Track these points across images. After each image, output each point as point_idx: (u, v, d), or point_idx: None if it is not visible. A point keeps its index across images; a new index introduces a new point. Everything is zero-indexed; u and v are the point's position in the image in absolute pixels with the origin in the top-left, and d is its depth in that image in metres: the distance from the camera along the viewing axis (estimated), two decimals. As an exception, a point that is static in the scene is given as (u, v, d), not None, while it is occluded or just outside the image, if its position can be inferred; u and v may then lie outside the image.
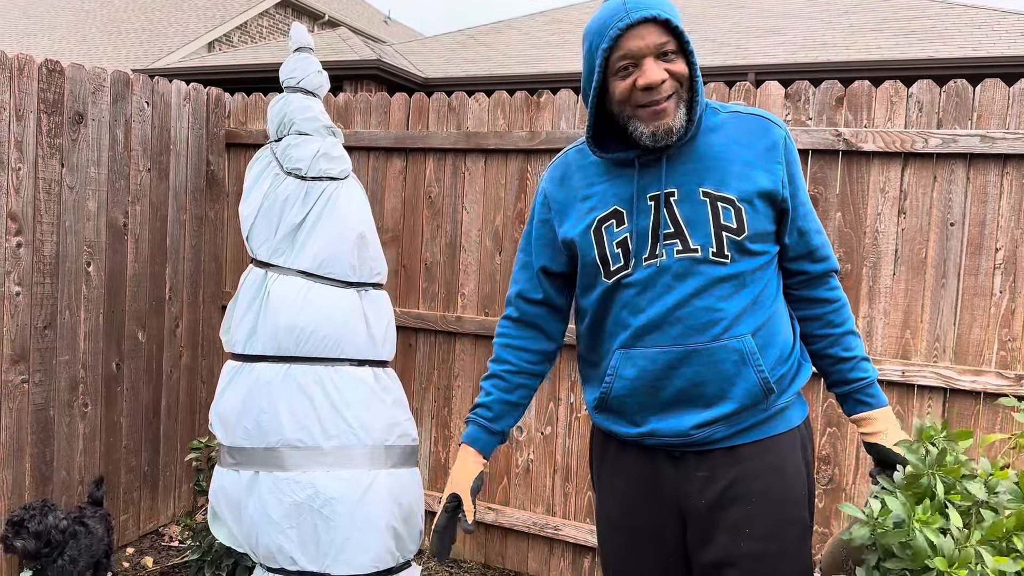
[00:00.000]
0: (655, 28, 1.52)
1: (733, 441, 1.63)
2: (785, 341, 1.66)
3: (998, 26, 8.95)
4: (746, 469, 1.63)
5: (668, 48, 1.53)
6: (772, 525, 1.62)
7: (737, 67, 8.11)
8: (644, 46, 1.52)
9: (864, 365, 1.71)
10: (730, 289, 1.59)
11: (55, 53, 16.35)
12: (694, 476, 1.65)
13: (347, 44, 10.37)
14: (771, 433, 1.65)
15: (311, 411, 1.97)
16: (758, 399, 1.61)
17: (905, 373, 2.81)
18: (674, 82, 1.54)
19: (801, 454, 1.68)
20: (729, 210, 1.58)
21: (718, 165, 1.60)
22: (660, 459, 1.68)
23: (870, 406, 1.69)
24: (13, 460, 3.02)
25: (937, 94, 2.77)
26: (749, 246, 1.59)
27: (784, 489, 1.64)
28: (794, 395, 1.68)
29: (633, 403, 1.66)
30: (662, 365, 1.61)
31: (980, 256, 2.75)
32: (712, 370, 1.59)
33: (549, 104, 3.31)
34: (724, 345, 1.58)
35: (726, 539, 1.63)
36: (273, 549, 1.99)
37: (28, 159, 2.99)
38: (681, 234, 1.59)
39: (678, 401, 1.62)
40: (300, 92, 2.30)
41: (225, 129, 3.95)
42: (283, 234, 2.14)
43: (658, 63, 1.53)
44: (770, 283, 1.65)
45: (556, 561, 3.41)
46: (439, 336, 3.56)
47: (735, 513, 1.62)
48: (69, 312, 3.20)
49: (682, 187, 1.60)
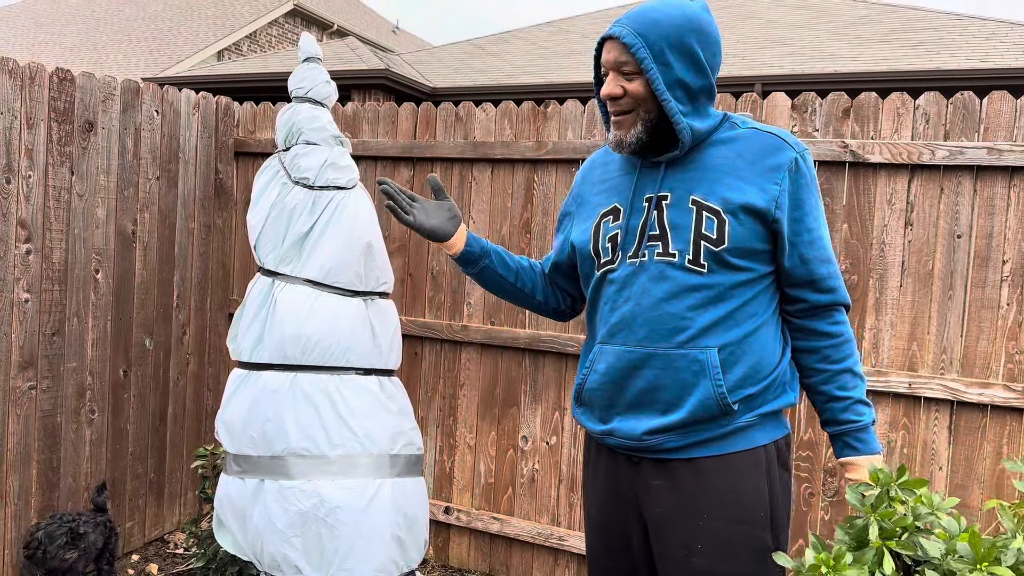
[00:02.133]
0: (616, 46, 1.60)
1: (690, 453, 1.62)
2: (762, 362, 1.62)
3: (1005, 38, 8.94)
4: (701, 483, 1.62)
5: (625, 69, 1.60)
6: (724, 543, 1.60)
7: (744, 78, 8.12)
8: (607, 60, 1.63)
9: (859, 408, 1.65)
10: (702, 299, 1.59)
11: (66, 62, 16.47)
12: (650, 483, 1.66)
13: (356, 54, 10.42)
14: (730, 450, 1.62)
15: (316, 420, 1.98)
16: (712, 413, 1.59)
17: (912, 385, 2.81)
18: (631, 100, 1.61)
19: (764, 474, 1.64)
20: (712, 220, 1.58)
21: (712, 176, 1.62)
22: (622, 462, 1.71)
23: (857, 451, 1.65)
24: (20, 466, 3.03)
25: (944, 106, 2.77)
26: (729, 259, 1.58)
27: (739, 508, 1.60)
28: (763, 416, 1.64)
29: (601, 397, 1.69)
30: (626, 364, 1.64)
31: (987, 268, 2.74)
32: (671, 376, 1.60)
33: (556, 114, 3.32)
34: (685, 354, 1.59)
35: (679, 553, 1.62)
36: (278, 558, 1.99)
37: (38, 167, 3.02)
38: (664, 237, 1.61)
39: (638, 403, 1.64)
40: (308, 102, 2.32)
41: (234, 138, 3.97)
42: (290, 243, 2.16)
43: (618, 78, 1.61)
44: (755, 302, 1.62)
45: (561, 571, 3.40)
46: (445, 345, 3.57)
47: (688, 527, 1.61)
48: (77, 319, 3.22)
49: (675, 192, 1.63)
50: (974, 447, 2.77)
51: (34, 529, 2.90)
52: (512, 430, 3.45)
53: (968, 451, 2.78)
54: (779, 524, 1.66)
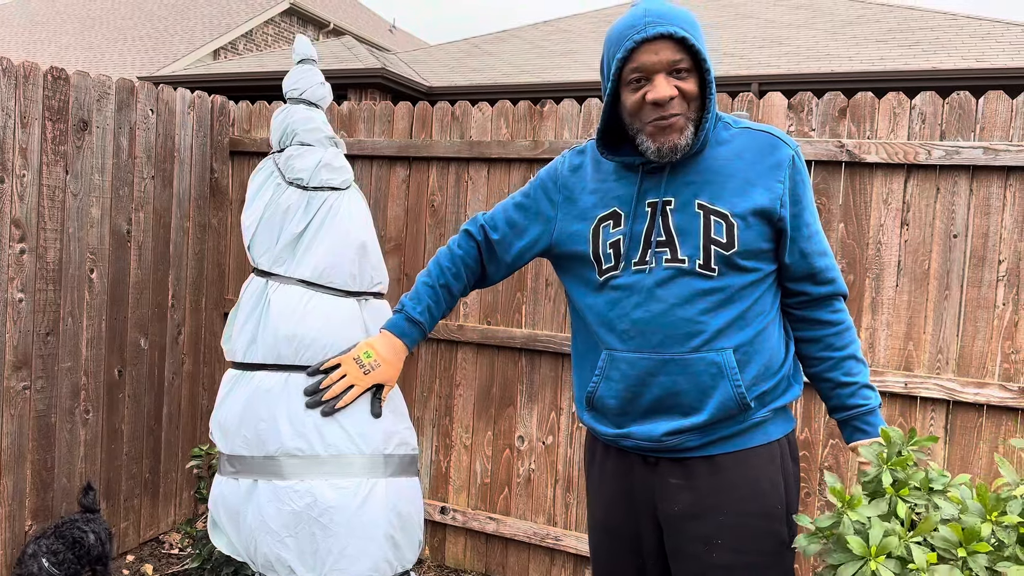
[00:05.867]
0: (670, 44, 1.51)
1: (708, 451, 1.63)
2: (772, 359, 1.64)
3: (1001, 38, 8.96)
4: (720, 479, 1.62)
5: (682, 66, 1.53)
6: (744, 538, 1.61)
7: (741, 77, 8.12)
8: (657, 61, 1.52)
9: (865, 392, 1.68)
10: (714, 303, 1.58)
11: (62, 61, 16.44)
12: (668, 483, 1.65)
13: (352, 53, 10.41)
14: (747, 445, 1.64)
15: (310, 420, 1.97)
16: (732, 412, 1.60)
17: (908, 385, 2.81)
18: (683, 101, 1.54)
19: (780, 468, 1.67)
20: (721, 224, 1.57)
21: (718, 179, 1.60)
22: (636, 463, 1.70)
23: (867, 434, 1.68)
24: (14, 466, 3.02)
25: (940, 106, 2.77)
26: (739, 262, 1.58)
27: (758, 502, 1.62)
28: (775, 410, 1.67)
29: (615, 405, 1.67)
30: (642, 371, 1.62)
31: (983, 268, 2.74)
32: (689, 381, 1.59)
33: (552, 114, 3.31)
34: (702, 357, 1.58)
35: (698, 549, 1.63)
36: (271, 558, 1.98)
37: (32, 166, 3.00)
38: (672, 243, 1.60)
39: (655, 409, 1.63)
40: (303, 104, 2.31)
41: (229, 137, 3.96)
42: (284, 243, 2.15)
43: (669, 80, 1.53)
44: (761, 300, 1.63)
45: (557, 572, 3.40)
46: (441, 345, 3.56)
47: (707, 523, 1.62)
48: (72, 319, 3.20)
49: (679, 197, 1.60)
50: (970, 447, 2.77)
51: (24, 547, 2.89)
52: (508, 430, 3.45)
53: (964, 451, 2.78)
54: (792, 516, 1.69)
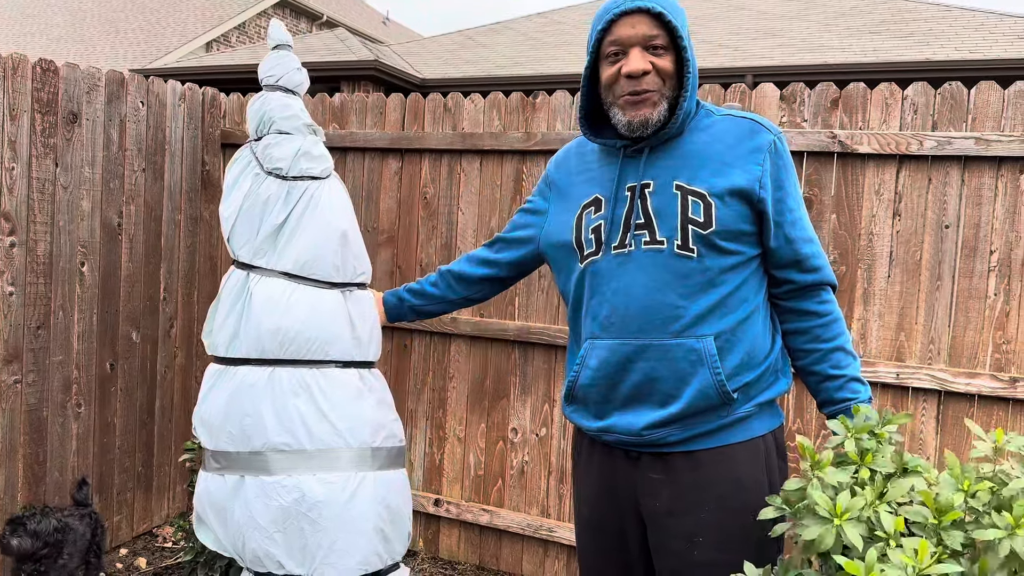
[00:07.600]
0: (647, 19, 1.54)
1: (689, 446, 1.61)
2: (755, 348, 1.62)
3: (994, 29, 8.96)
4: (699, 475, 1.61)
5: (658, 42, 1.55)
6: (727, 535, 1.59)
7: (734, 69, 8.11)
8: (633, 35, 1.55)
9: (854, 386, 1.64)
10: (694, 286, 1.57)
11: (52, 53, 16.33)
12: (649, 478, 1.64)
13: (345, 45, 10.36)
14: (728, 441, 1.61)
15: (296, 414, 1.96)
16: (712, 402, 1.58)
17: (899, 375, 2.81)
18: (657, 77, 1.56)
19: (764, 466, 1.64)
20: (699, 204, 1.57)
21: (695, 161, 1.60)
22: (619, 459, 1.68)
23: None
24: (6, 460, 3.01)
25: (932, 96, 2.77)
26: (718, 242, 1.57)
27: (739, 499, 1.60)
28: (760, 405, 1.64)
29: (596, 394, 1.66)
30: (621, 357, 1.60)
31: (975, 259, 2.74)
32: (667, 367, 1.57)
33: (545, 105, 3.30)
34: (681, 343, 1.56)
35: (681, 546, 1.61)
36: (260, 554, 1.97)
37: (22, 158, 2.99)
38: (650, 226, 1.59)
39: (635, 396, 1.61)
40: (280, 90, 2.28)
41: (221, 129, 3.94)
42: (265, 235, 2.11)
43: (644, 54, 1.55)
44: (744, 287, 1.61)
45: (551, 563, 3.40)
46: (434, 337, 3.55)
47: (688, 520, 1.60)
48: (63, 312, 3.19)
49: (658, 180, 1.61)
50: (961, 437, 2.78)
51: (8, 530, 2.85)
52: (502, 422, 3.45)
53: (955, 441, 2.79)
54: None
